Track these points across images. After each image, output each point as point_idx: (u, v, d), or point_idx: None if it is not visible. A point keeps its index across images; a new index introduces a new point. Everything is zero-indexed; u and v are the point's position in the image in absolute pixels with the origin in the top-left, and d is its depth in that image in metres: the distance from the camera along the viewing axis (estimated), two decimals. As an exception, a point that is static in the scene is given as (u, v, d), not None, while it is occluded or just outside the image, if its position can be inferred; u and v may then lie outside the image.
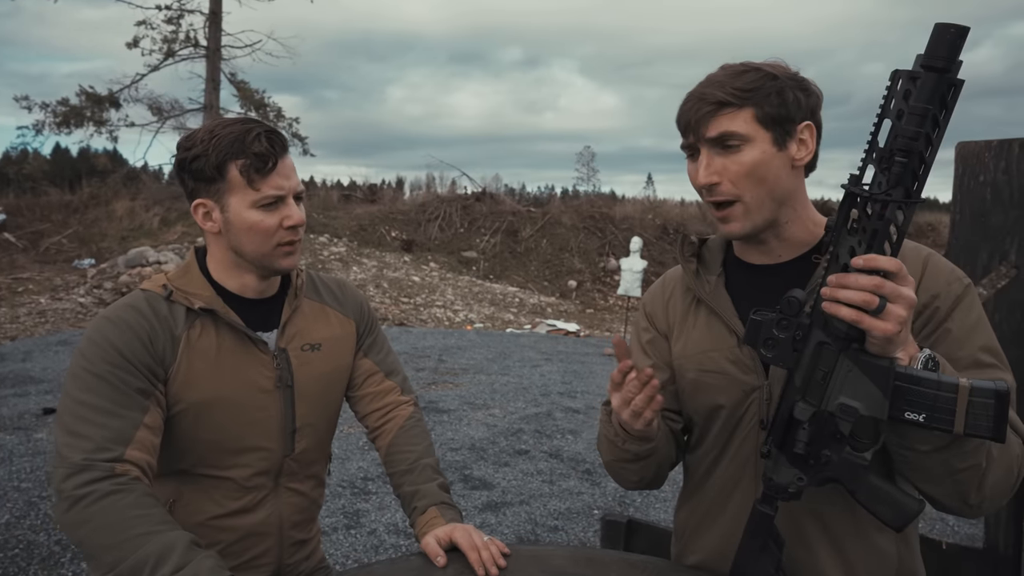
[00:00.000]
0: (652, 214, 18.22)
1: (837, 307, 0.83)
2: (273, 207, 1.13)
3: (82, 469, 1.00)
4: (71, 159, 24.92)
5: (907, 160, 0.80)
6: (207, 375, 1.14)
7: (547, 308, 13.63)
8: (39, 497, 3.61)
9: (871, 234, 0.83)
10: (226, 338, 1.17)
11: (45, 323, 9.64)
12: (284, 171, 1.14)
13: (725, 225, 1.03)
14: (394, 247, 15.98)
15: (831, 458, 0.89)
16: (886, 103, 0.82)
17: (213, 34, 19.60)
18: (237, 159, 1.10)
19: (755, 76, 1.00)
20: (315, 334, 1.27)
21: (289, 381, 1.22)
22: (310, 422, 1.25)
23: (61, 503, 0.99)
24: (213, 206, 1.15)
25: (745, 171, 0.99)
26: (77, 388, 1.06)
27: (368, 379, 1.35)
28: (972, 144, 1.82)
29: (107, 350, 1.08)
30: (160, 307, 1.14)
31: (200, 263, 1.22)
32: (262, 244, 1.15)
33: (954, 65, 0.79)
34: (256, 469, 1.20)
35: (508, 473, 4.29)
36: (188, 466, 1.17)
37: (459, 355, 8.11)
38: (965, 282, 1.00)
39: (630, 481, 1.14)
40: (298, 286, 1.27)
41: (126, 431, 1.04)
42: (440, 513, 1.18)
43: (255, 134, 1.11)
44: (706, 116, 1.00)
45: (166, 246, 13.75)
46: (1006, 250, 1.75)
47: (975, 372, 0.95)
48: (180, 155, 1.14)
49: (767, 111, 0.99)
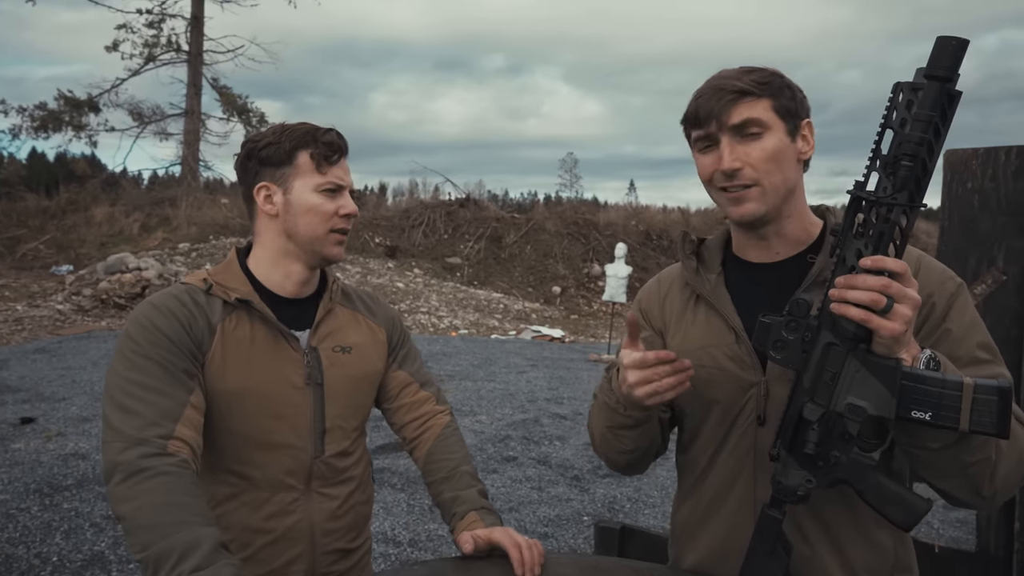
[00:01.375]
0: (635, 220, 18.34)
1: (846, 307, 0.85)
2: (333, 194, 1.23)
3: (138, 443, 1.03)
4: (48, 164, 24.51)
5: (912, 165, 0.83)
6: (239, 365, 1.18)
7: (532, 314, 13.64)
8: (17, 509, 3.53)
9: (877, 237, 0.85)
10: (260, 331, 1.21)
11: (22, 331, 9.46)
12: (344, 167, 1.26)
13: (739, 207, 1.05)
14: (378, 253, 15.91)
15: (840, 459, 0.90)
16: (888, 113, 0.85)
17: (195, 39, 19.47)
18: (308, 147, 1.21)
19: (764, 73, 1.05)
20: (347, 337, 1.30)
21: (319, 380, 1.24)
22: (340, 424, 1.27)
23: (117, 474, 1.02)
24: (276, 189, 1.22)
25: (767, 156, 1.02)
26: (126, 367, 1.10)
27: (403, 390, 1.37)
28: (960, 152, 1.85)
29: (153, 332, 1.13)
30: (199, 298, 1.19)
31: (241, 262, 1.27)
32: (318, 227, 1.22)
33: (955, 75, 0.82)
34: (285, 468, 1.21)
35: (496, 480, 4.27)
36: (216, 460, 1.20)
37: (444, 361, 8.08)
38: (958, 281, 1.03)
39: (623, 452, 1.14)
40: (334, 290, 1.32)
41: (175, 409, 1.08)
42: (480, 518, 1.20)
43: (325, 130, 1.23)
44: (728, 104, 1.02)
45: (146, 252, 13.58)
46: (994, 256, 1.78)
47: (974, 369, 0.97)
48: (249, 146, 1.24)
49: (782, 103, 1.03)
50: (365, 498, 1.35)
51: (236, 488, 1.20)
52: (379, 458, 4.49)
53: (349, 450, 1.30)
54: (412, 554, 3.26)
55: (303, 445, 1.23)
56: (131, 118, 19.74)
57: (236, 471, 1.20)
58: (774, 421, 1.00)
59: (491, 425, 5.45)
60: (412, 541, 3.39)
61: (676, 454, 1.23)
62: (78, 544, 3.18)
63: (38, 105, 18.98)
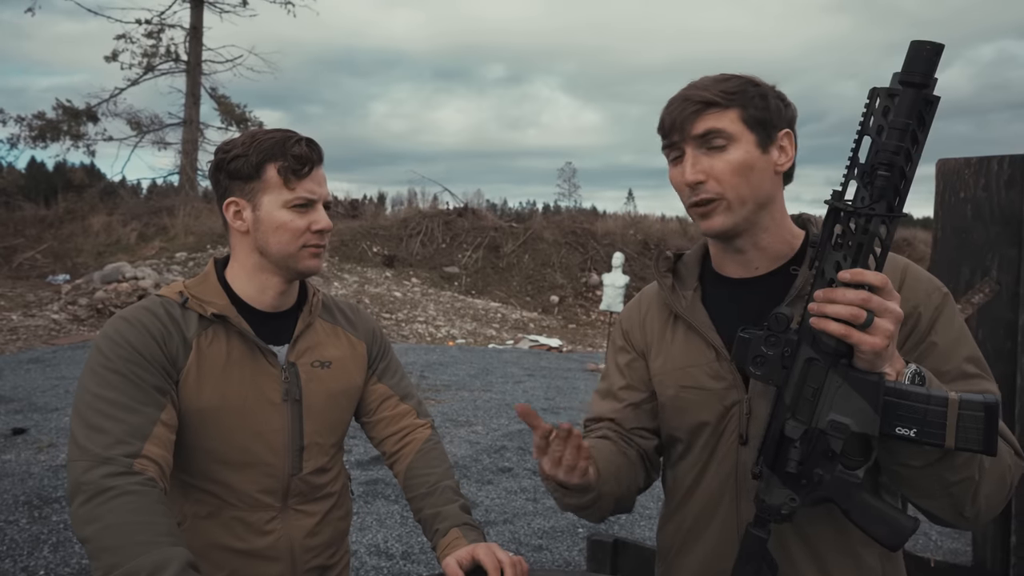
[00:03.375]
0: (633, 229, 18.35)
1: (825, 322, 0.83)
2: (304, 209, 1.17)
3: (104, 462, 1.00)
4: (46, 173, 24.55)
5: (889, 174, 0.81)
6: (215, 382, 1.15)
7: (529, 323, 13.61)
8: (5, 522, 3.49)
9: (856, 248, 0.83)
10: (236, 346, 1.18)
11: (16, 340, 9.42)
12: (318, 178, 1.19)
13: (706, 221, 1.02)
14: (376, 262, 15.90)
15: (823, 477, 0.88)
16: (865, 120, 0.83)
17: (194, 49, 19.54)
18: (276, 160, 1.15)
19: (739, 81, 1.02)
20: (326, 352, 1.27)
21: (297, 395, 1.22)
22: (318, 440, 1.25)
23: (80, 494, 0.99)
24: (245, 204, 1.18)
25: (731, 169, 0.99)
26: (95, 383, 1.07)
27: (383, 403, 1.34)
28: (952, 161, 1.83)
29: (124, 347, 1.09)
30: (174, 312, 1.16)
31: (219, 274, 1.23)
32: (288, 244, 1.17)
33: (931, 81, 0.80)
34: (261, 486, 1.19)
35: (491, 491, 4.24)
36: (191, 478, 1.17)
37: (441, 371, 8.05)
38: (944, 291, 1.01)
39: (594, 517, 1.12)
40: (314, 304, 1.29)
41: (144, 427, 1.05)
42: (463, 534, 1.17)
43: (295, 139, 1.17)
44: (692, 115, 1.00)
45: (143, 261, 13.56)
46: (987, 266, 1.76)
47: (961, 383, 0.95)
48: (219, 156, 1.19)
49: (752, 113, 1.00)
50: (343, 513, 1.32)
51: (211, 506, 1.18)
52: (372, 469, 4.46)
53: (327, 466, 1.27)
54: (405, 567, 3.22)
55: (280, 463, 1.20)
56: (129, 127, 19.78)
57: (211, 489, 1.17)
58: (757, 440, 0.98)
59: (487, 436, 5.41)
60: (405, 554, 3.36)
61: (664, 470, 1.21)
62: (66, 558, 3.14)
63: (37, 115, 19.01)
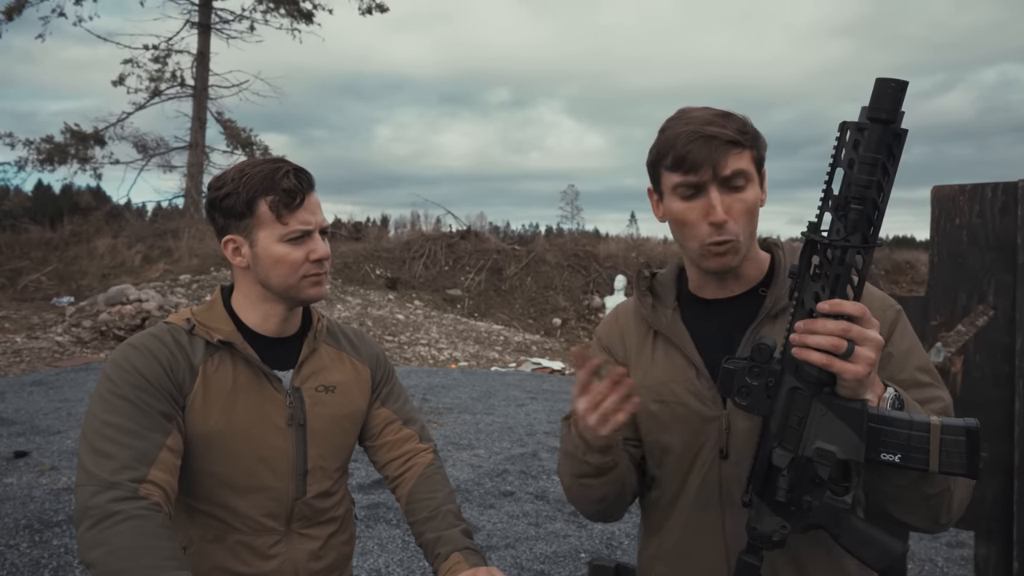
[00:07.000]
0: (636, 252, 18.37)
1: (807, 352, 0.85)
2: (300, 241, 1.18)
3: (110, 487, 1.02)
4: (53, 196, 24.73)
5: (862, 207, 0.83)
6: (221, 407, 1.17)
7: (532, 346, 13.59)
8: (6, 546, 3.48)
9: (833, 279, 0.86)
10: (242, 372, 1.20)
11: (20, 363, 9.43)
12: (311, 207, 1.19)
13: (721, 259, 1.05)
14: (378, 285, 15.93)
15: (812, 504, 0.89)
16: (837, 153, 0.86)
17: (200, 74, 19.79)
18: (267, 195, 1.16)
19: (739, 120, 1.04)
20: (330, 376, 1.29)
21: (302, 420, 1.23)
22: (322, 465, 1.26)
23: (87, 519, 1.00)
24: (242, 241, 1.20)
25: (745, 210, 1.03)
26: (103, 409, 1.09)
27: (386, 428, 1.36)
28: (947, 188, 1.86)
29: (132, 373, 1.12)
30: (181, 338, 1.18)
31: (225, 300, 1.25)
32: (288, 276, 1.19)
33: (897, 116, 0.82)
34: (266, 510, 1.20)
35: (493, 515, 4.21)
36: (197, 502, 1.18)
37: (443, 394, 8.03)
38: (897, 307, 1.07)
39: (592, 502, 1.12)
40: (318, 329, 1.30)
41: (150, 452, 1.07)
42: (464, 558, 1.18)
43: (284, 171, 1.17)
44: (722, 154, 1.01)
45: (148, 284, 13.60)
46: (984, 291, 1.78)
47: (915, 391, 0.99)
48: (211, 194, 1.20)
49: (759, 154, 1.05)
50: (347, 537, 1.33)
51: (216, 530, 1.19)
52: (374, 493, 4.44)
53: (331, 491, 1.28)
54: (405, 592, 3.20)
55: (284, 487, 1.21)
56: (136, 150, 19.96)
57: (216, 514, 1.19)
58: (737, 454, 1.00)
59: (489, 459, 5.39)
60: (406, 579, 3.33)
61: (641, 492, 1.21)
62: (66, 582, 3.13)
63: (45, 138, 19.20)
